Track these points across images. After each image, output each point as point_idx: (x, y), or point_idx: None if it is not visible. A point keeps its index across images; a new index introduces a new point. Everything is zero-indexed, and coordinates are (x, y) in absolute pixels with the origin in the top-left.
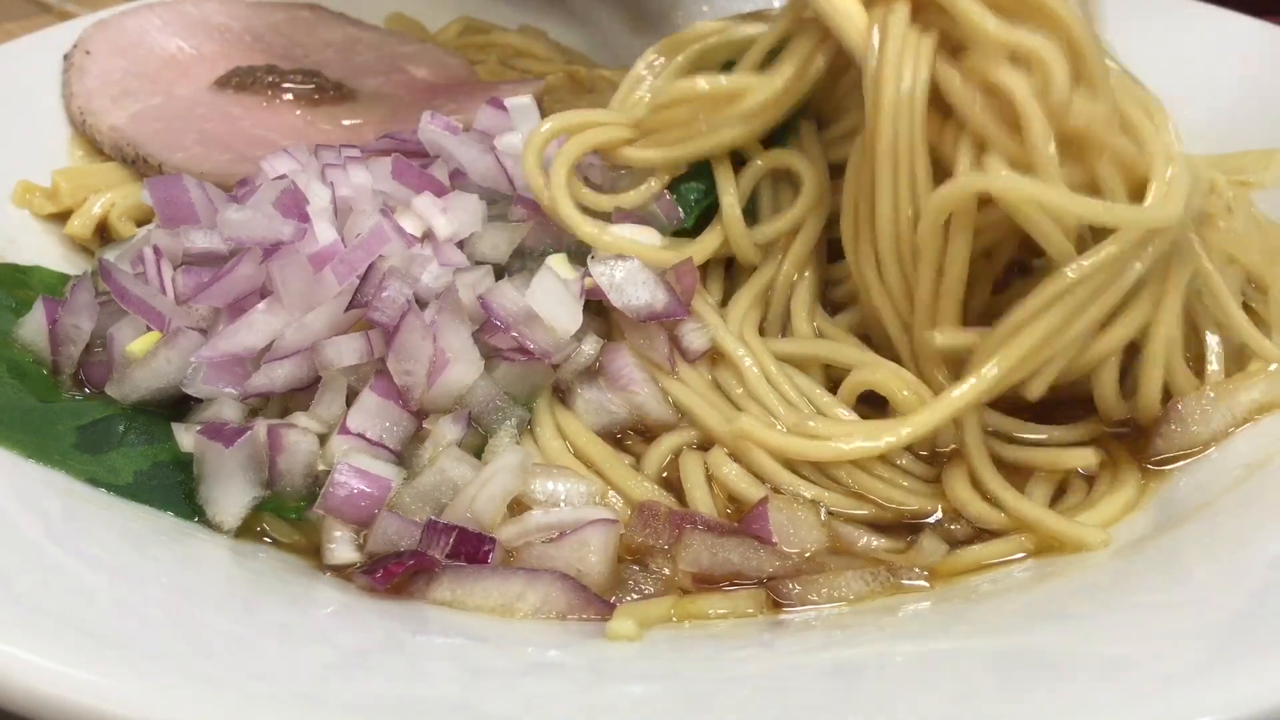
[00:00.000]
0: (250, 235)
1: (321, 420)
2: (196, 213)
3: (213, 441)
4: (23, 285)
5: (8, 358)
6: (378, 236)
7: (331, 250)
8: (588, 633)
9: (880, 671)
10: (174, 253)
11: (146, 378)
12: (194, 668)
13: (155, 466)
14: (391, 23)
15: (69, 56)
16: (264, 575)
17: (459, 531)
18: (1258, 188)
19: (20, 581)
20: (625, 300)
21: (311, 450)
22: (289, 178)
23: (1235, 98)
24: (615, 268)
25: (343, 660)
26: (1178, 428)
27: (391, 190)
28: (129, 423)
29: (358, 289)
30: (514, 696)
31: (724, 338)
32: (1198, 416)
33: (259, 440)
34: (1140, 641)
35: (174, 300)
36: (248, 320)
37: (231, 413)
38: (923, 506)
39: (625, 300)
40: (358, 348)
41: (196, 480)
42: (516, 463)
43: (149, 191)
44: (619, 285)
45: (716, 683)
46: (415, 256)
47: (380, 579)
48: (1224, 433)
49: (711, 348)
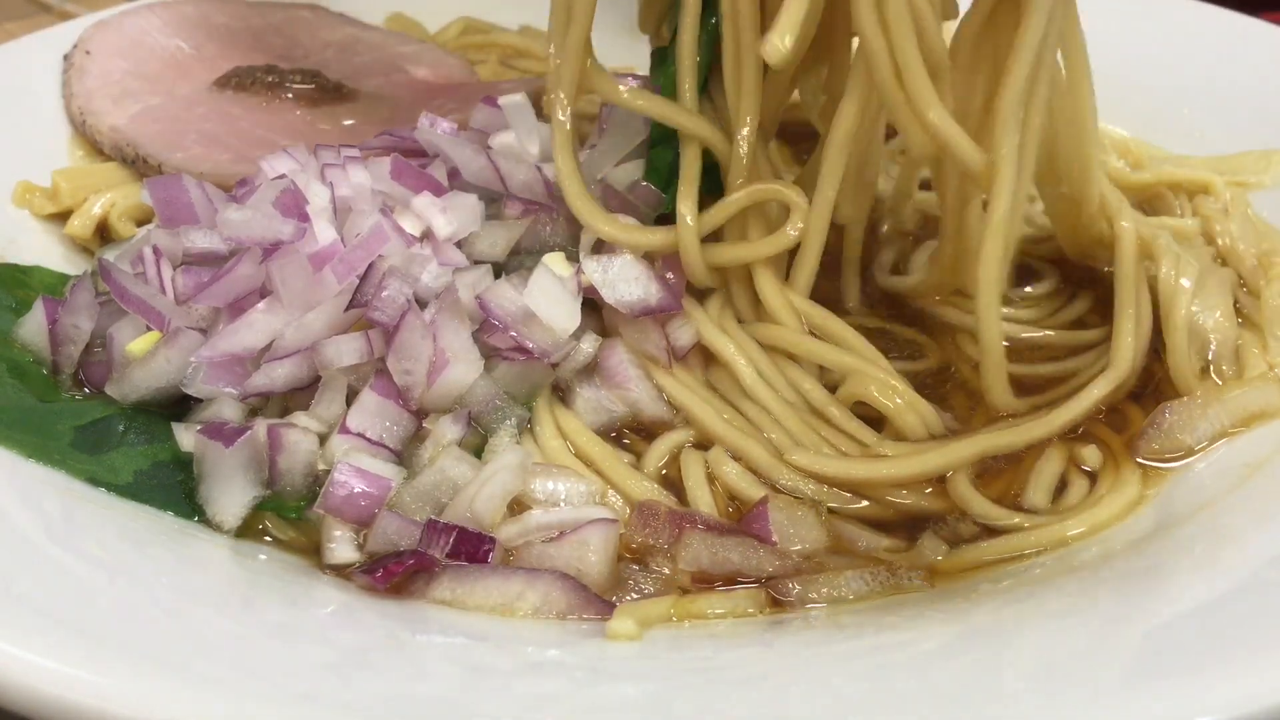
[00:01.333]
0: (250, 235)
1: (321, 420)
2: (196, 213)
3: (213, 441)
4: (23, 285)
5: (8, 358)
6: (377, 236)
7: (331, 250)
8: (587, 632)
9: (880, 671)
10: (174, 253)
11: (146, 377)
12: (194, 668)
13: (155, 466)
14: (391, 23)
15: (69, 57)
16: (264, 575)
17: (459, 531)
18: (1256, 189)
19: (20, 581)
20: (619, 296)
21: (311, 450)
22: (288, 177)
23: (1235, 98)
24: (607, 264)
25: (343, 660)
26: (1163, 433)
27: (390, 190)
28: (129, 422)
29: (357, 289)
30: (514, 696)
31: (709, 332)
32: (1184, 423)
33: (259, 440)
34: (1140, 641)
35: (174, 300)
36: (248, 320)
37: (231, 412)
38: (923, 504)
39: (619, 296)
40: (358, 347)
41: (196, 480)
42: (516, 462)
43: (149, 191)
44: (612, 282)
45: (716, 683)
46: (415, 256)
47: (380, 578)
48: (1213, 438)
49: (698, 342)
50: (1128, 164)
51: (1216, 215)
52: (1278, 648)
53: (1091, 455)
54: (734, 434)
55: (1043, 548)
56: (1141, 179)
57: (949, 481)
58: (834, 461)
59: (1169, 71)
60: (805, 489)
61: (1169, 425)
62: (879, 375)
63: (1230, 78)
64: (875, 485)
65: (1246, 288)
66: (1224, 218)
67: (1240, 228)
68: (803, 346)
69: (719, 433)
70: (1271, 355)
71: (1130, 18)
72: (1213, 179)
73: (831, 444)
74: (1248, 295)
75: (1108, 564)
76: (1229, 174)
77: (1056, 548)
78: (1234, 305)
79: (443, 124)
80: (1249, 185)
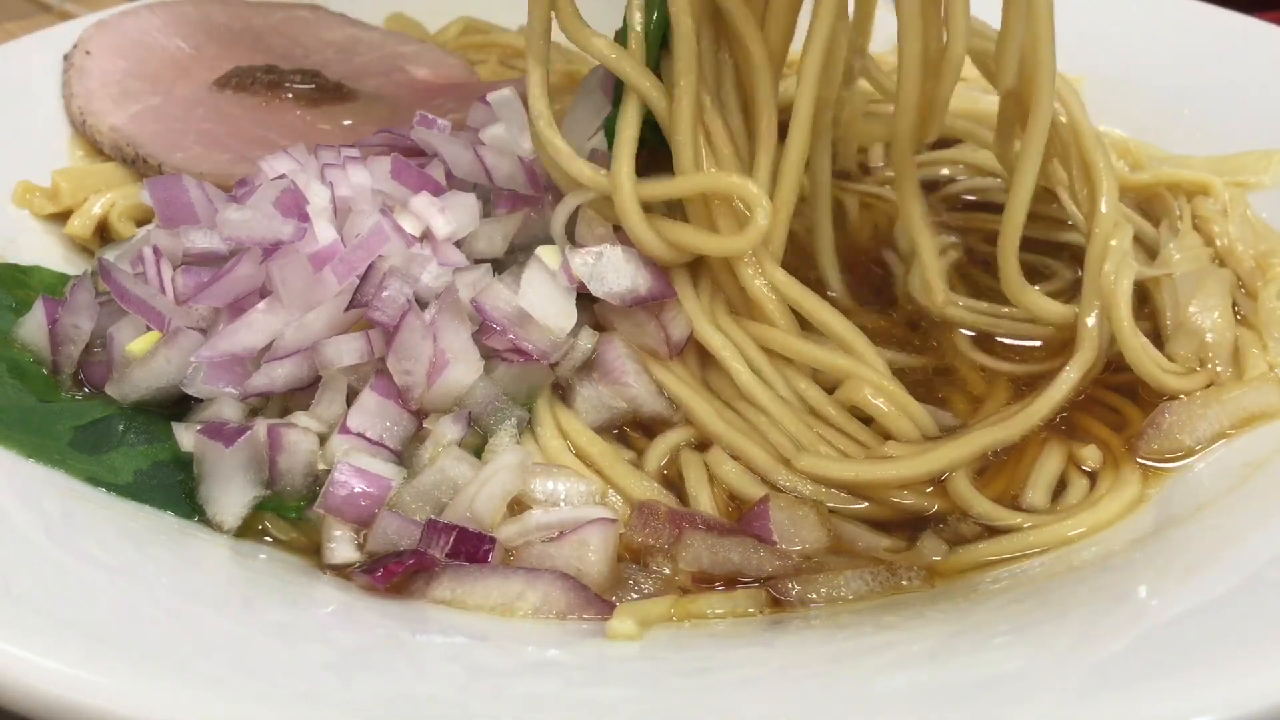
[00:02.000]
0: (250, 235)
1: (321, 420)
2: (196, 213)
3: (213, 441)
4: (23, 285)
5: (7, 357)
6: (377, 236)
7: (331, 250)
8: (587, 632)
9: (880, 671)
10: (174, 253)
11: (146, 377)
12: (194, 668)
13: (155, 466)
14: (391, 23)
15: (69, 57)
16: (264, 575)
17: (459, 531)
18: (1255, 189)
19: (20, 581)
20: (608, 289)
21: (311, 450)
22: (288, 177)
23: (1235, 98)
24: (593, 256)
25: (342, 660)
26: (1162, 433)
27: (390, 190)
28: (129, 422)
29: (357, 289)
30: (513, 696)
31: (702, 328)
32: (1184, 424)
33: (259, 440)
34: (1140, 640)
35: (174, 300)
36: (247, 320)
37: (231, 412)
38: (923, 504)
39: (608, 289)
40: (358, 347)
41: (197, 480)
42: (516, 462)
43: (149, 192)
44: (600, 274)
45: (716, 683)
46: (415, 256)
47: (380, 578)
48: (1212, 439)
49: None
50: (1127, 164)
51: (1215, 216)
52: (1278, 648)
53: (1091, 455)
54: (733, 434)
55: (1043, 548)
56: (1140, 179)
57: (949, 481)
58: (839, 465)
59: (1169, 71)
60: (804, 489)
61: (1169, 425)
62: (873, 378)
63: (1230, 78)
64: (881, 487)
65: (1245, 289)
66: (1223, 219)
67: (1239, 229)
68: (794, 349)
69: (718, 432)
70: (1271, 356)
71: (1130, 18)
72: (1212, 180)
73: (831, 444)
74: (1245, 297)
75: (1108, 564)
76: (1228, 174)
77: (1056, 548)
78: (1232, 306)
79: (439, 123)
80: (1248, 185)
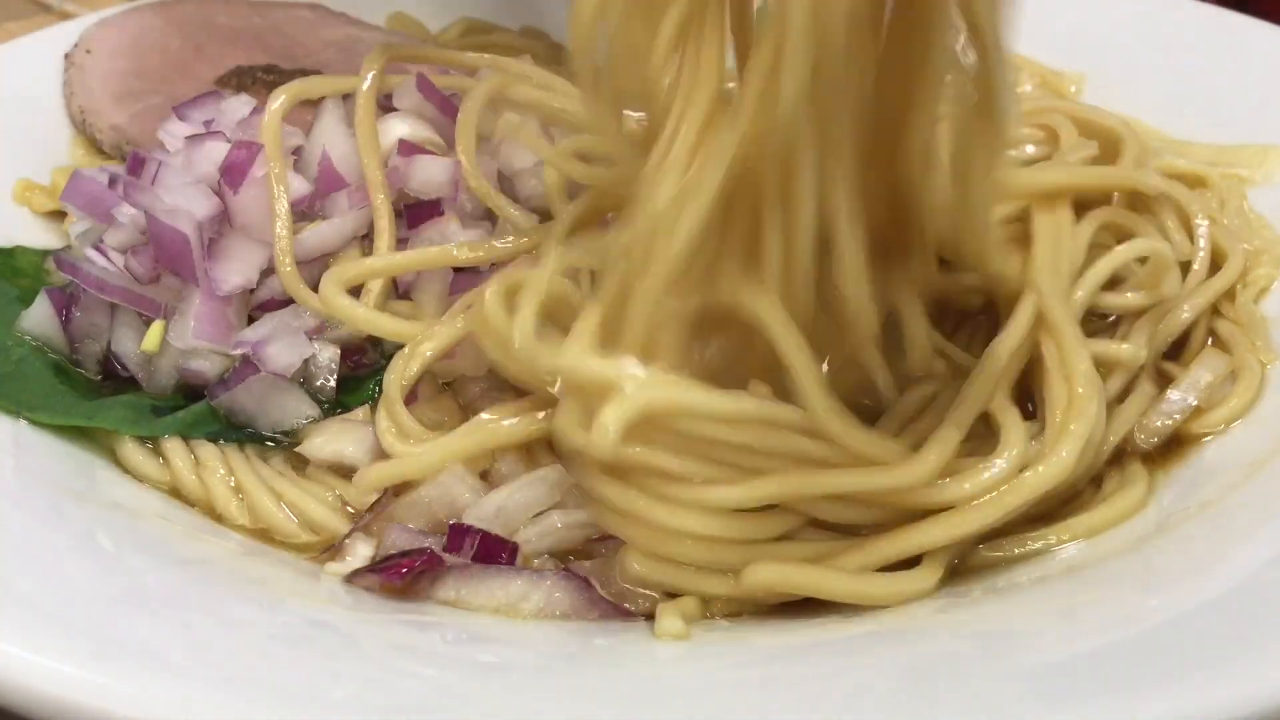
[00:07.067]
0: (162, 201)
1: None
2: (114, 196)
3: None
4: (17, 272)
5: (47, 360)
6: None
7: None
8: (591, 633)
9: (878, 671)
10: (120, 242)
11: (169, 366)
12: (194, 668)
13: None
14: (392, 23)
15: (70, 55)
16: (266, 575)
17: (483, 535)
18: (1252, 184)
19: (20, 582)
20: None
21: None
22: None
23: (1234, 98)
24: None
25: (343, 660)
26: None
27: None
28: (175, 405)
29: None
30: (514, 696)
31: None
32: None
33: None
34: (1140, 641)
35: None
36: (224, 264)
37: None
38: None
39: None
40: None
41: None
42: (555, 478)
43: (67, 202)
44: None
45: (722, 683)
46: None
47: (385, 578)
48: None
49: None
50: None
51: (1210, 210)
52: (1278, 648)
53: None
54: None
55: (1043, 548)
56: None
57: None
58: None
59: (1169, 71)
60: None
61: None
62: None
63: (1230, 77)
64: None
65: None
66: (1218, 212)
67: (1235, 221)
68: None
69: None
70: (1260, 355)
71: (1130, 18)
72: (1209, 173)
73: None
74: (1225, 299)
75: (1108, 564)
76: (1225, 165)
77: (1057, 548)
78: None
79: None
80: (1246, 180)
